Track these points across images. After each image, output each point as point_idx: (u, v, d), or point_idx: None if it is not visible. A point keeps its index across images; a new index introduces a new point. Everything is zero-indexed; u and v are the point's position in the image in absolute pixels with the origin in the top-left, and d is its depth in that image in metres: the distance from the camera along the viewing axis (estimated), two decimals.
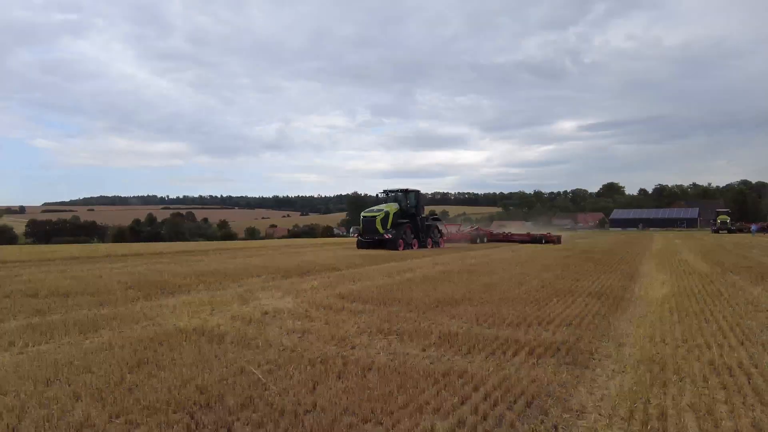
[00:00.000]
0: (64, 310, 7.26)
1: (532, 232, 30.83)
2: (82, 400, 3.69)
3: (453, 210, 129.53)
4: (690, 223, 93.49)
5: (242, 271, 12.30)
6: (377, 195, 25.21)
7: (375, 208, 22.68)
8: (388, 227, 21.58)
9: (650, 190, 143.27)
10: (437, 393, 3.97)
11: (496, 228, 39.43)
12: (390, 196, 24.23)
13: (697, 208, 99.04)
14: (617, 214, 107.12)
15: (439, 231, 25.10)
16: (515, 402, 3.85)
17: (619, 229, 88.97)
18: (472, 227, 32.59)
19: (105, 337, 5.63)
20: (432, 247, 23.63)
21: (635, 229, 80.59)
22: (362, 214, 22.78)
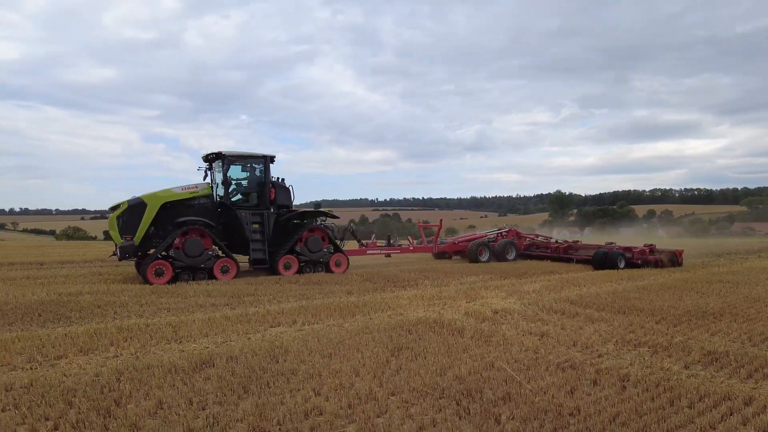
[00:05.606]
0: (321, 296, 8.53)
1: (609, 242, 16.64)
2: (359, 376, 4.28)
3: (678, 209, 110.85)
4: None
5: (459, 269, 12.73)
6: (199, 170, 12.41)
7: (130, 199, 11.07)
8: (138, 234, 10.73)
9: None
10: (721, 418, 3.50)
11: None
12: (212, 168, 12.33)
13: None
14: None
15: (333, 241, 12.53)
16: None
17: None
18: (500, 230, 18.13)
19: (360, 322, 6.44)
20: (296, 272, 11.67)
21: None
22: (109, 208, 11.52)
